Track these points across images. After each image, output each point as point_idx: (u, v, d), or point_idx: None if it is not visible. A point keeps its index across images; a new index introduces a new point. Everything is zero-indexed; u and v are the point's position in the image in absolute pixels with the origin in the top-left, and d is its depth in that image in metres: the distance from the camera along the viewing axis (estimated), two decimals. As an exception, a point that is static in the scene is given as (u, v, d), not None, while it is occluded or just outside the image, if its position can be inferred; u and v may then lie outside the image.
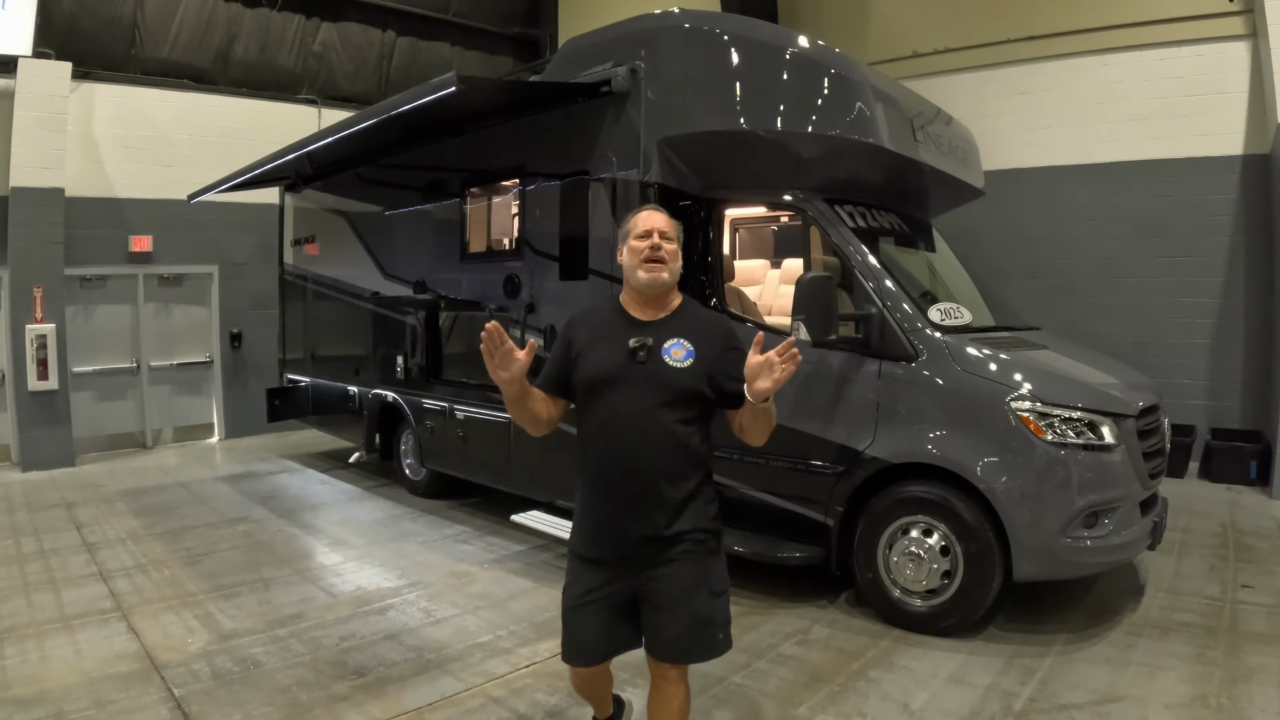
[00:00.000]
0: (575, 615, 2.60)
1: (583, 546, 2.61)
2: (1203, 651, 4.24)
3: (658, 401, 2.45)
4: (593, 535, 2.58)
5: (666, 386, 2.46)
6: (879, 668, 4.13)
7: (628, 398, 2.47)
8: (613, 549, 2.53)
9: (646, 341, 2.48)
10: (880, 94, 5.17)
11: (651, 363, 2.47)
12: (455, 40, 13.42)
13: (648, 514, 2.47)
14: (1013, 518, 4.26)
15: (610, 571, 2.53)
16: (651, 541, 2.48)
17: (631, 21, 5.54)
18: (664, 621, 2.51)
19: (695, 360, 2.48)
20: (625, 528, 2.49)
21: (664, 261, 2.53)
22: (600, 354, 2.51)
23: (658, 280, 2.53)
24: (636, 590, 2.54)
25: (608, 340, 2.52)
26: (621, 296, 2.65)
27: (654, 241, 2.53)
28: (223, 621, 4.78)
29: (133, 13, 10.31)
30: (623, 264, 2.61)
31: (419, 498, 7.71)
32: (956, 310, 5.00)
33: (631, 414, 2.46)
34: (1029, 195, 9.29)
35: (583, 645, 2.62)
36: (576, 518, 2.65)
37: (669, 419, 2.45)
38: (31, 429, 9.30)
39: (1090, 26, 8.95)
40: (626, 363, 2.47)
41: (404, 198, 7.68)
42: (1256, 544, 6.05)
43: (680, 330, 2.53)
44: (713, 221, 5.46)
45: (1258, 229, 8.23)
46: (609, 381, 2.48)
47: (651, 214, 2.62)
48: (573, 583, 2.62)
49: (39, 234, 9.21)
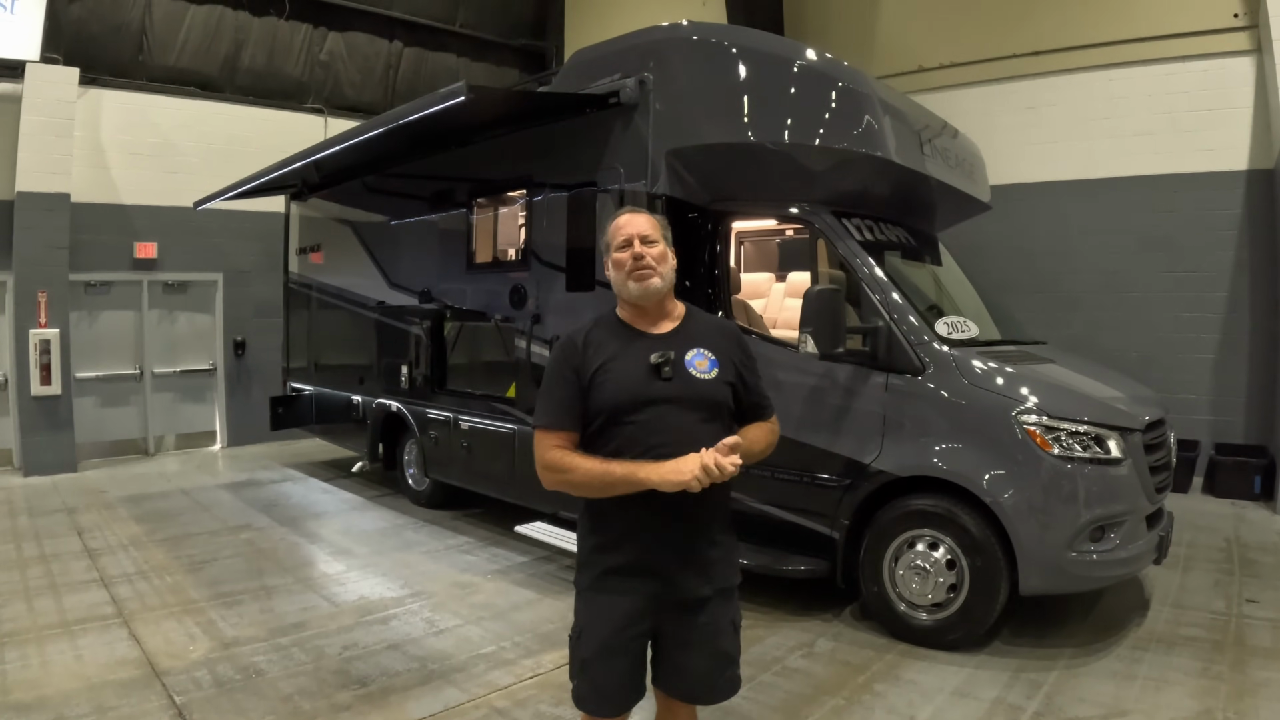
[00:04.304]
0: (605, 660, 2.31)
1: (615, 557, 2.31)
2: (1208, 666, 4.23)
3: (694, 420, 2.26)
4: (622, 541, 2.29)
5: (699, 401, 2.29)
6: (884, 681, 4.11)
7: (662, 419, 2.24)
8: (657, 585, 2.28)
9: (669, 355, 2.27)
10: (888, 107, 5.19)
11: (678, 378, 2.28)
12: (462, 51, 13.50)
13: (695, 544, 2.30)
14: (1019, 531, 4.25)
15: (647, 591, 2.28)
16: (698, 573, 2.30)
17: (640, 33, 5.57)
18: (690, 660, 2.34)
19: (720, 369, 2.33)
20: (672, 563, 2.28)
21: (652, 268, 2.32)
22: (619, 376, 2.27)
23: (650, 289, 2.32)
24: (660, 625, 2.33)
25: (622, 359, 2.29)
26: (618, 311, 2.43)
27: (635, 251, 2.32)
28: (225, 629, 4.77)
29: (141, 19, 10.39)
30: (610, 278, 2.40)
31: (422, 508, 7.69)
32: (963, 324, 5.01)
33: (670, 436, 2.22)
34: (1034, 210, 9.29)
35: (610, 694, 2.34)
36: (591, 546, 2.37)
37: (707, 436, 2.20)
38: (34, 434, 9.30)
39: (1096, 42, 8.97)
40: (651, 381, 2.26)
41: (410, 207, 7.69)
42: (1261, 559, 6.04)
43: (697, 339, 2.35)
44: (720, 234, 5.47)
45: (1262, 244, 8.23)
46: (636, 404, 2.25)
47: (631, 218, 2.39)
48: (595, 621, 2.32)
49: (44, 239, 9.24)
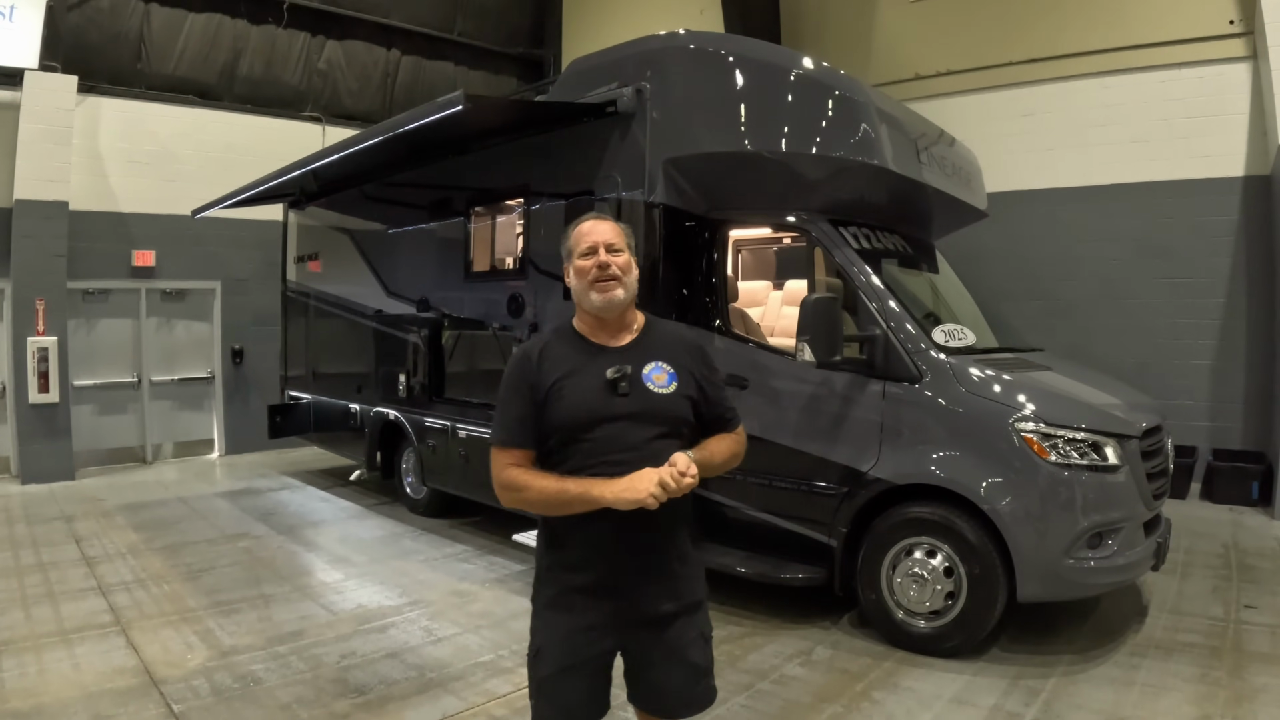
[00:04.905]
0: (563, 680, 2.21)
1: (574, 575, 2.22)
2: (1207, 672, 4.22)
3: (652, 435, 2.18)
4: (583, 559, 2.21)
5: (657, 417, 2.20)
6: (883, 689, 4.11)
7: (620, 436, 2.16)
8: (623, 603, 2.20)
9: (625, 369, 2.18)
10: (885, 115, 5.20)
11: (635, 393, 2.18)
12: (459, 60, 13.55)
13: (657, 561, 2.23)
14: (1017, 539, 4.25)
15: (608, 609, 2.20)
16: (660, 590, 2.23)
17: (637, 42, 5.58)
18: (662, 677, 2.27)
19: (679, 383, 2.24)
20: (637, 580, 2.21)
21: (616, 279, 2.22)
22: (575, 391, 2.17)
23: (614, 301, 2.22)
24: (623, 642, 2.25)
25: (578, 375, 2.18)
26: (575, 322, 2.33)
27: (600, 259, 2.21)
28: (223, 637, 4.76)
29: (139, 28, 10.42)
30: (570, 286, 2.29)
31: (420, 516, 7.68)
32: (960, 331, 5.02)
33: (628, 453, 2.14)
34: (1031, 217, 9.30)
35: (573, 712, 2.25)
36: (550, 563, 2.29)
37: (666, 451, 2.14)
38: (31, 442, 9.29)
39: (1092, 49, 9.00)
40: (608, 397, 2.17)
41: (408, 216, 7.70)
42: (1259, 564, 6.04)
43: (655, 352, 2.26)
44: (717, 242, 5.48)
45: (1259, 250, 8.25)
46: (594, 421, 2.16)
47: (594, 225, 2.28)
48: (554, 640, 2.23)
49: (42, 247, 9.24)
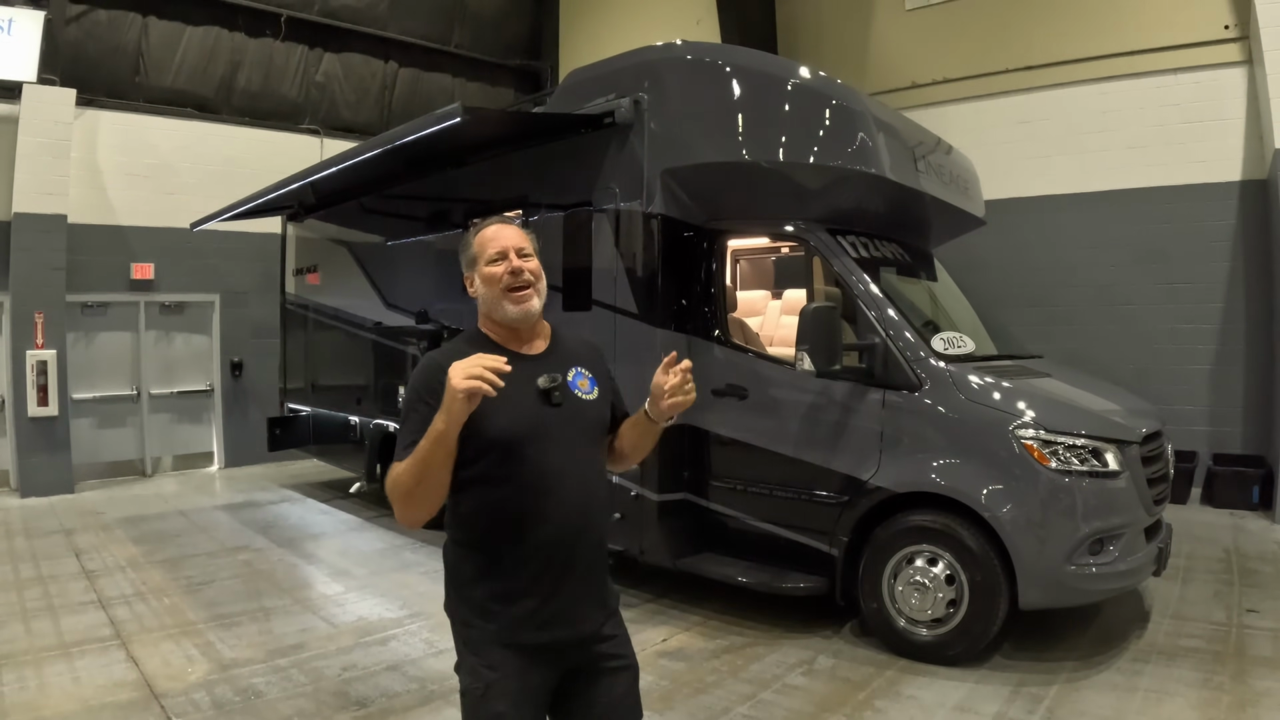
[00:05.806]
0: (519, 713, 2.05)
1: (515, 606, 2.06)
2: (1209, 677, 4.22)
3: (583, 442, 2.13)
4: (527, 586, 2.06)
5: (587, 425, 2.15)
6: (885, 698, 4.10)
7: (557, 449, 2.06)
8: (567, 629, 2.08)
9: (557, 378, 2.09)
10: (882, 124, 5.22)
11: (568, 402, 2.10)
12: (457, 71, 13.57)
13: (599, 576, 2.16)
14: (1018, 546, 4.25)
15: (556, 636, 2.06)
16: (593, 601, 2.13)
17: (635, 53, 5.61)
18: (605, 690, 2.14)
19: (599, 389, 2.20)
20: (579, 601, 2.10)
21: (530, 286, 2.11)
22: (508, 403, 1.95)
23: (530, 313, 2.12)
24: (567, 665, 2.12)
25: (506, 384, 1.86)
26: (484, 329, 2.19)
27: (513, 265, 2.09)
28: (223, 650, 4.75)
29: (137, 41, 10.44)
30: (475, 295, 2.16)
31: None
32: (959, 339, 5.03)
33: (566, 466, 2.06)
34: (1028, 224, 9.33)
35: None
36: (489, 593, 2.13)
37: (599, 461, 2.14)
38: (31, 455, 9.26)
39: (1088, 56, 9.04)
40: (542, 408, 2.06)
41: (407, 228, 7.71)
42: (1260, 569, 6.04)
43: (574, 359, 2.20)
44: (715, 252, 5.50)
45: (1256, 254, 8.27)
46: (533, 434, 2.03)
47: (500, 229, 2.15)
48: (507, 675, 2.04)
49: (41, 260, 9.24)
